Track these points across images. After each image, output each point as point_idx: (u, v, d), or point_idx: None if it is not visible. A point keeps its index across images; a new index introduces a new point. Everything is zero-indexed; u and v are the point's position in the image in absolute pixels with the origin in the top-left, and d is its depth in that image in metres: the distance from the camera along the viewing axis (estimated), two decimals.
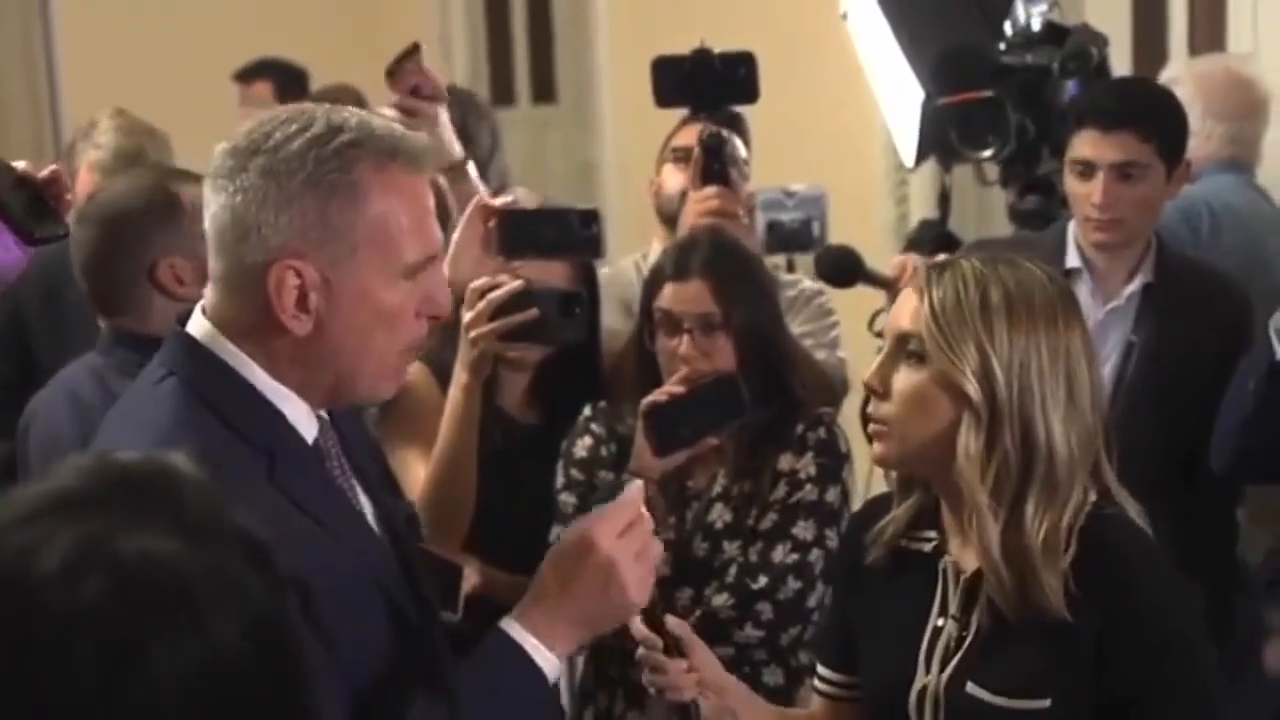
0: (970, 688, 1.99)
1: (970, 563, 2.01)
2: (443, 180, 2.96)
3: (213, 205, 1.74)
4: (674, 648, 2.04)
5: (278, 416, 1.76)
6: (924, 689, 2.04)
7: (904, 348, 2.00)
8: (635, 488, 1.87)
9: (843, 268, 3.06)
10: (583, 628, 1.83)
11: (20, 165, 2.34)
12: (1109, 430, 2.04)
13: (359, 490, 1.87)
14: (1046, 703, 1.95)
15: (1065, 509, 1.96)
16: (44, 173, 2.34)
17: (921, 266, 2.06)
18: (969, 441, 1.95)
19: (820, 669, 2.24)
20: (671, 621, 2.04)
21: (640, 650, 2.04)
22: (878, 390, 2.02)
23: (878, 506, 2.17)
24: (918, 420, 1.99)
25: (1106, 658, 1.93)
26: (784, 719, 2.18)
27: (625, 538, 1.81)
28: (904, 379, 2.00)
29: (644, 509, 1.84)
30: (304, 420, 1.78)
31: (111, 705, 1.02)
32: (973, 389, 1.93)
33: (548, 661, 1.80)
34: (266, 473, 1.70)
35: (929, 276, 2.00)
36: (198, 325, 1.78)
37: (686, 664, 2.04)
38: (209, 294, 1.78)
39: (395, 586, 1.83)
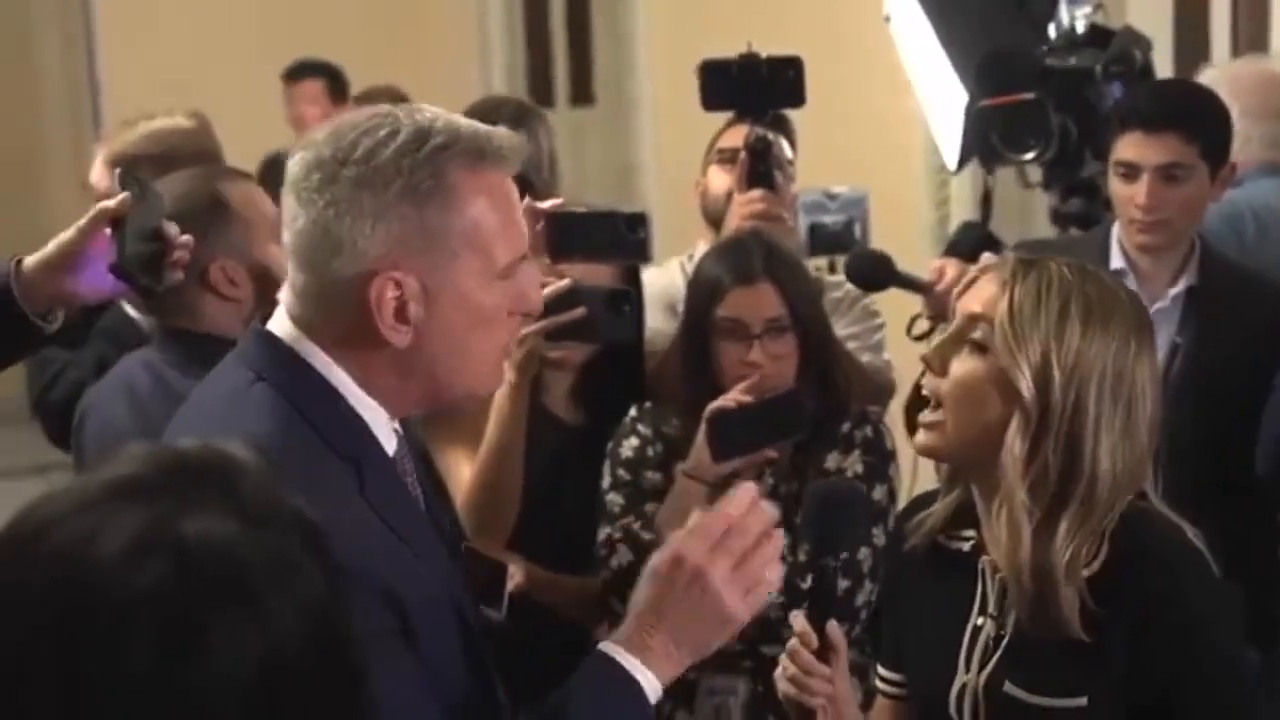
0: (1008, 687, 2.00)
1: (1002, 564, 2.01)
2: None
3: (300, 219, 1.69)
4: (825, 653, 2.02)
5: (364, 429, 1.73)
6: (964, 688, 2.04)
7: (969, 332, 1.99)
8: (745, 490, 1.82)
9: (872, 271, 3.06)
10: (685, 647, 1.75)
11: (172, 230, 2.34)
12: (1157, 456, 2.03)
13: (423, 508, 1.85)
14: (1083, 701, 1.95)
15: (1096, 530, 1.95)
16: (183, 238, 2.35)
17: (1010, 260, 2.04)
18: (1015, 442, 1.94)
19: (880, 669, 2.24)
20: (832, 627, 2.02)
21: (792, 643, 2.03)
22: (935, 367, 2.02)
23: (921, 504, 2.17)
24: (967, 409, 1.99)
25: (1140, 659, 1.93)
26: None
27: (720, 549, 1.75)
28: (962, 364, 1.99)
29: (752, 513, 1.79)
30: (384, 431, 1.76)
31: (170, 687, 1.03)
32: (1027, 389, 1.93)
33: (649, 683, 1.74)
34: (358, 486, 1.67)
35: (1015, 271, 1.99)
36: (282, 327, 1.75)
37: (829, 672, 2.02)
38: (290, 299, 1.74)
39: (465, 604, 1.82)
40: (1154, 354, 2.02)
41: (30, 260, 2.29)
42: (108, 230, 2.28)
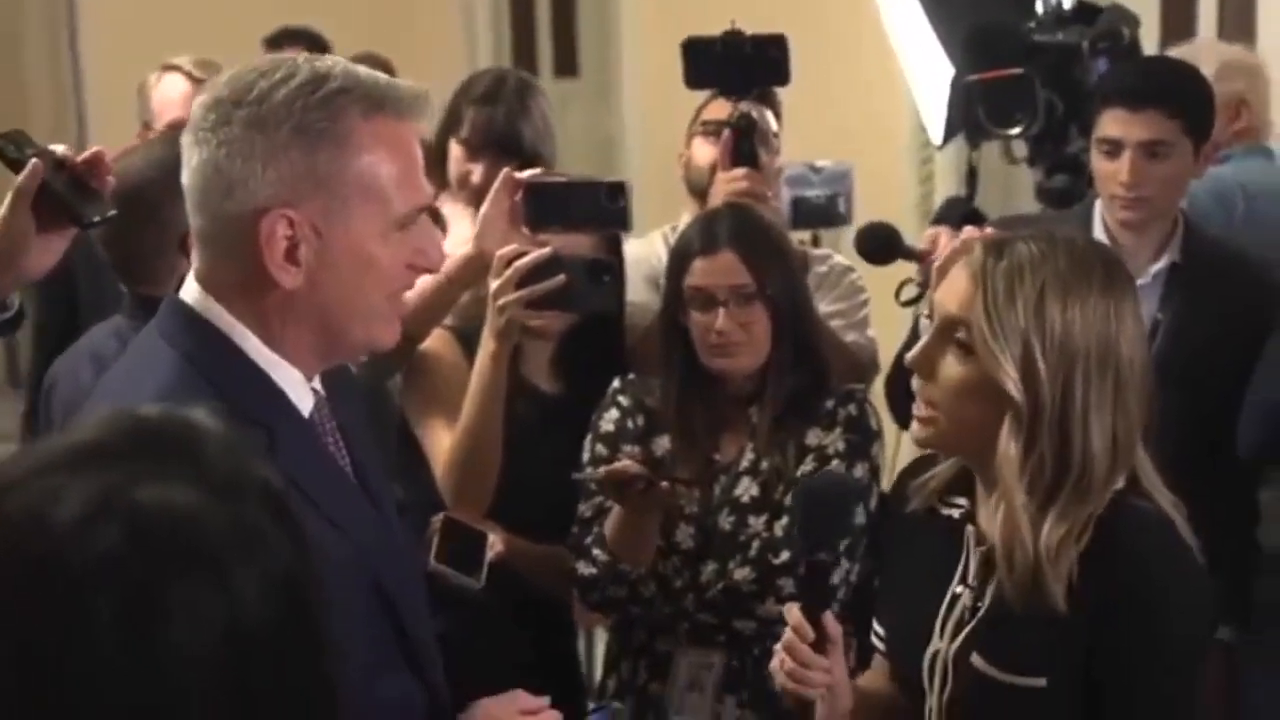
0: (975, 659, 2.00)
1: (992, 535, 2.01)
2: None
3: (193, 159, 1.69)
4: (820, 644, 2.02)
5: (274, 389, 1.72)
6: (935, 655, 2.04)
7: (952, 333, 1.99)
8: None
9: (883, 244, 3.05)
10: None
11: (59, 149, 2.31)
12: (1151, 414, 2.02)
13: (350, 474, 1.82)
14: (1043, 682, 1.96)
15: (1089, 512, 1.95)
16: (84, 155, 2.32)
17: (978, 248, 2.02)
18: (1009, 444, 1.94)
19: (876, 626, 2.24)
20: (828, 618, 2.02)
21: (787, 636, 2.02)
22: (923, 373, 2.01)
23: (923, 465, 2.17)
24: (960, 412, 1.99)
25: (1103, 644, 1.93)
26: (858, 694, 2.16)
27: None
28: (950, 368, 1.99)
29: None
30: (299, 391, 1.75)
31: (128, 658, 1.01)
32: (1015, 390, 1.92)
33: None
34: (266, 450, 1.63)
35: (985, 261, 1.96)
36: (190, 291, 1.74)
37: (826, 663, 2.02)
38: (196, 257, 1.74)
39: (393, 573, 1.79)
40: (1137, 313, 2.01)
41: None
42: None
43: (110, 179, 2.32)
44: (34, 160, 2.24)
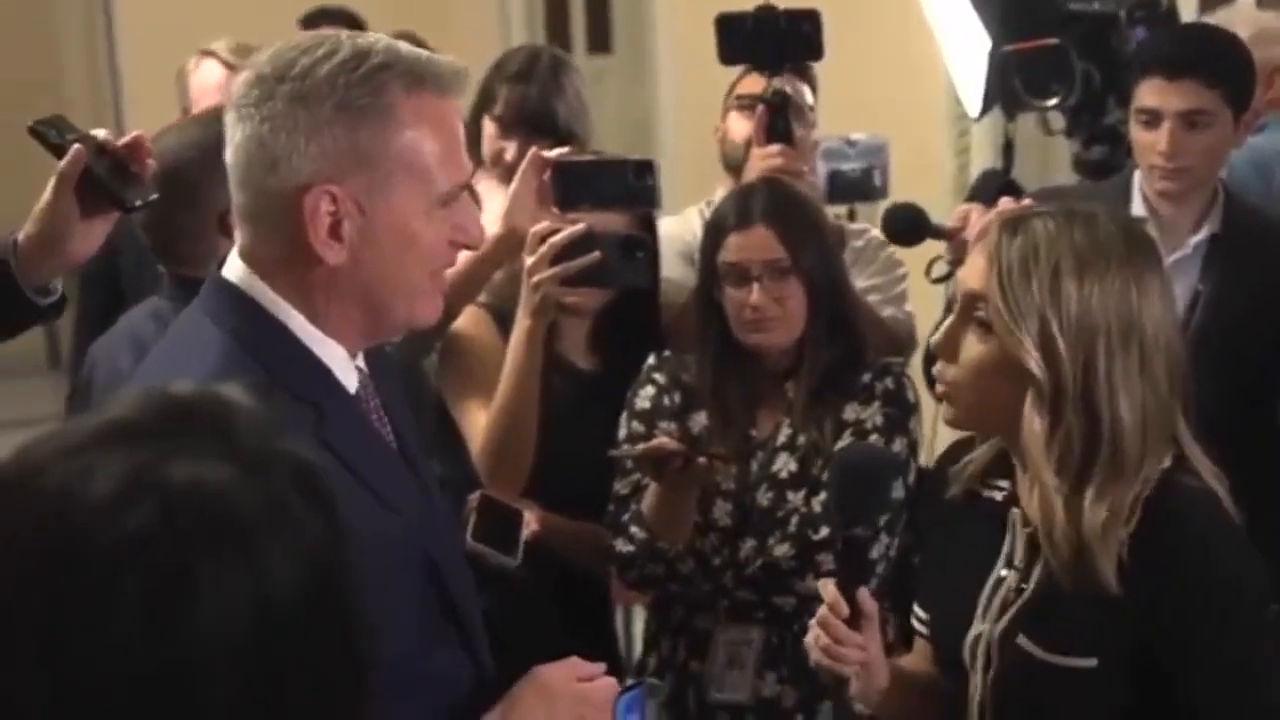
0: (1021, 639, 1.98)
1: (1036, 516, 2.00)
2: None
3: (236, 136, 1.69)
4: (855, 620, 2.01)
5: (321, 367, 1.72)
6: (978, 636, 2.03)
7: (972, 311, 1.98)
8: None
9: (911, 225, 3.04)
10: None
11: (101, 133, 2.32)
12: (1188, 390, 2.00)
13: (395, 450, 1.82)
14: (1093, 663, 1.94)
15: (1132, 484, 1.93)
16: (125, 139, 2.33)
17: (994, 227, 2.01)
18: (1033, 419, 1.93)
19: (916, 609, 2.23)
20: (863, 594, 2.01)
21: (822, 612, 2.02)
22: (946, 354, 2.00)
23: (961, 449, 2.16)
24: (983, 391, 1.98)
25: (1154, 628, 1.91)
26: (897, 672, 2.16)
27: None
28: (971, 347, 1.98)
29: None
30: (343, 369, 1.75)
31: (158, 636, 1.00)
32: (1036, 367, 1.91)
33: None
34: (314, 427, 1.65)
35: (1000, 239, 1.96)
36: (234, 269, 1.74)
37: (861, 639, 2.02)
38: (239, 234, 1.74)
39: (441, 551, 1.80)
40: (1163, 286, 1.98)
41: (22, 237, 2.28)
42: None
43: (150, 162, 2.33)
44: (76, 145, 2.25)
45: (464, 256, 2.36)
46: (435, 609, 1.77)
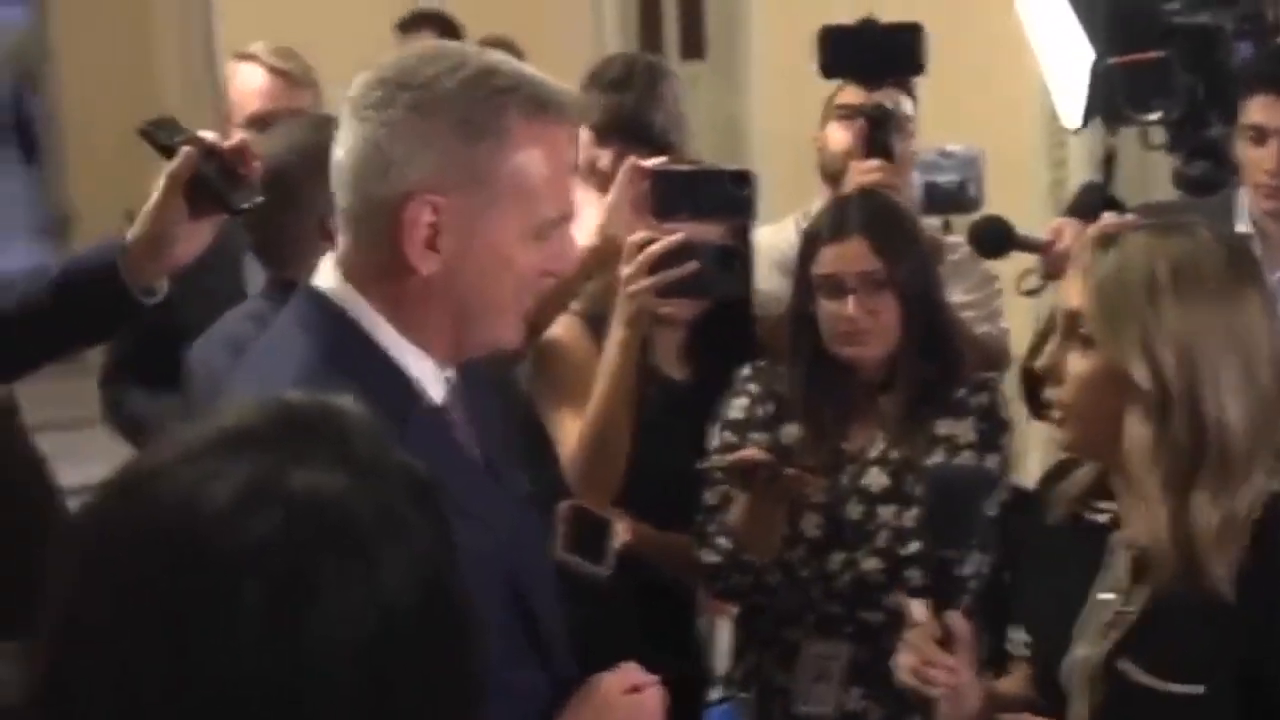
0: (1123, 664, 1.95)
1: (1141, 537, 1.97)
2: None
3: (350, 136, 1.70)
4: (948, 642, 2.00)
5: (406, 379, 1.72)
6: (1080, 660, 2.00)
7: (1075, 329, 1.97)
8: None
9: (996, 238, 3.02)
10: None
11: (209, 136, 2.34)
12: None
13: (480, 463, 1.83)
14: (1200, 689, 1.91)
15: (1243, 494, 1.90)
16: (230, 142, 2.35)
17: (1089, 243, 2.01)
18: (1137, 430, 1.91)
19: (1011, 632, 2.20)
20: (954, 616, 2.00)
21: (914, 632, 2.01)
22: (1054, 376, 1.99)
23: (1062, 470, 2.13)
24: (1089, 407, 1.96)
25: (1266, 650, 1.89)
26: (991, 694, 2.14)
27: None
28: (1075, 364, 1.97)
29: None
30: (431, 381, 1.75)
31: (280, 640, 1.01)
32: (1140, 376, 1.89)
33: None
34: (398, 438, 1.66)
35: (1094, 255, 1.95)
36: (327, 277, 1.75)
37: (952, 661, 2.00)
38: (339, 239, 1.75)
39: (526, 564, 1.80)
40: (1263, 298, 1.97)
41: (130, 238, 2.31)
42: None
43: (257, 165, 2.35)
44: (186, 148, 2.27)
45: None
46: (517, 624, 1.77)
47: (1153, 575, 1.95)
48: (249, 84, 3.66)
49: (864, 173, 3.06)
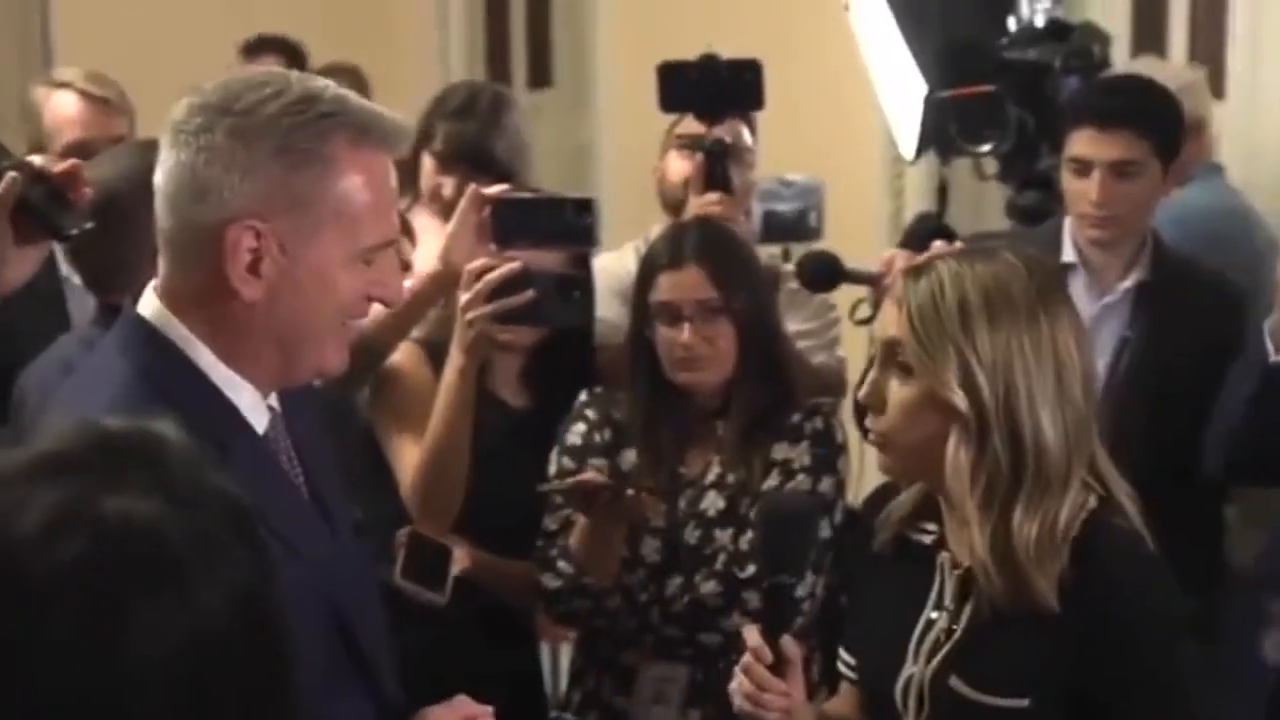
0: (953, 681, 2.00)
1: (966, 557, 2.02)
2: None
3: (169, 160, 1.69)
4: (779, 667, 2.02)
5: (228, 406, 1.72)
6: (910, 679, 2.04)
7: (893, 357, 2.01)
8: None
9: (824, 273, 3.06)
10: None
11: (37, 160, 2.30)
12: (1099, 420, 2.04)
13: (304, 492, 1.82)
14: (1025, 702, 1.96)
15: (1061, 507, 1.95)
16: (60, 166, 2.32)
17: (898, 274, 2.06)
18: (958, 454, 1.96)
19: (842, 653, 2.24)
20: (787, 641, 2.02)
21: (745, 659, 2.02)
22: (875, 407, 2.03)
23: (886, 494, 2.18)
24: (911, 433, 2.00)
25: (1088, 661, 1.94)
26: (821, 717, 2.17)
27: None
28: (895, 392, 2.01)
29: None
30: (254, 409, 1.74)
31: (90, 666, 1.01)
32: (959, 401, 1.94)
33: None
34: (219, 464, 1.65)
35: (906, 284, 2.00)
36: (148, 304, 1.74)
37: (785, 686, 2.02)
38: (159, 264, 1.74)
39: (344, 600, 1.78)
40: (1069, 307, 2.03)
41: None
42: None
43: (87, 190, 2.32)
44: (11, 173, 2.23)
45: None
46: (339, 654, 1.76)
47: (977, 593, 1.99)
48: (63, 111, 3.57)
49: (703, 206, 3.10)
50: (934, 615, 2.05)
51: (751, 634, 2.03)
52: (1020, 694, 1.96)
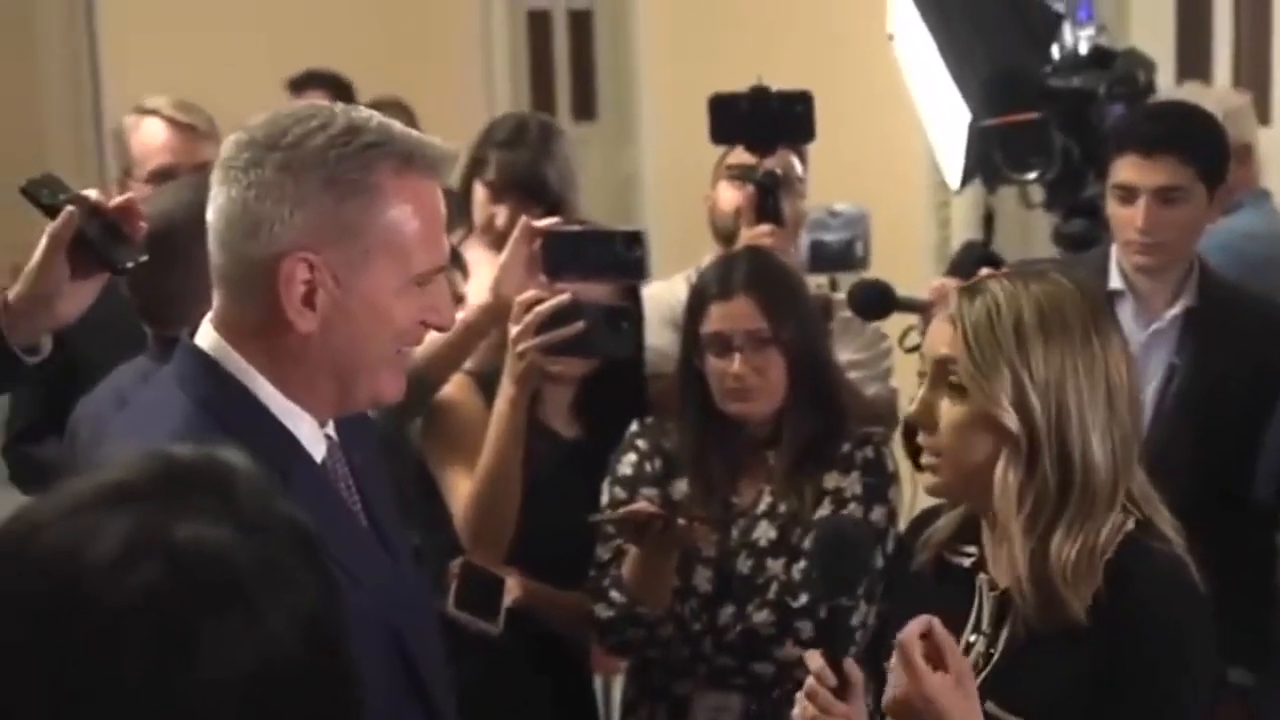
0: (989, 705, 2.00)
1: (1004, 580, 2.02)
2: None
3: (220, 196, 1.72)
4: (842, 690, 2.01)
5: (286, 435, 1.73)
6: None
7: (944, 376, 2.01)
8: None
9: (875, 301, 3.07)
10: None
11: (93, 194, 2.34)
12: (1143, 446, 2.04)
13: (363, 520, 1.83)
14: None
15: (1100, 530, 1.96)
16: (116, 201, 2.34)
17: (953, 292, 2.06)
18: (1006, 475, 1.96)
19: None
20: (849, 664, 2.03)
21: (810, 683, 2.03)
22: (926, 425, 2.03)
23: (926, 519, 2.18)
24: (962, 453, 2.00)
25: (1113, 687, 1.93)
26: None
27: None
28: (947, 412, 2.01)
29: None
30: (312, 438, 1.76)
31: (161, 693, 1.02)
32: (1012, 422, 1.94)
33: None
34: (282, 491, 1.67)
35: (960, 302, 2.00)
36: (206, 336, 1.76)
37: (848, 709, 2.03)
38: (215, 297, 1.77)
39: (409, 620, 1.80)
40: (1118, 329, 2.04)
41: (12, 296, 2.29)
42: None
43: (142, 224, 2.35)
44: (69, 207, 2.27)
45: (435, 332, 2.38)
46: (399, 681, 1.78)
47: (1013, 614, 2.00)
48: (152, 139, 3.63)
49: (754, 239, 3.11)
50: (972, 638, 2.05)
51: (814, 658, 2.03)
52: (1054, 716, 1.96)
